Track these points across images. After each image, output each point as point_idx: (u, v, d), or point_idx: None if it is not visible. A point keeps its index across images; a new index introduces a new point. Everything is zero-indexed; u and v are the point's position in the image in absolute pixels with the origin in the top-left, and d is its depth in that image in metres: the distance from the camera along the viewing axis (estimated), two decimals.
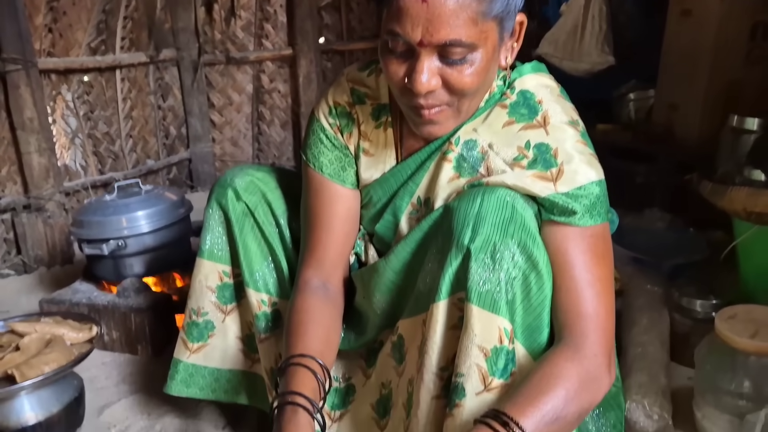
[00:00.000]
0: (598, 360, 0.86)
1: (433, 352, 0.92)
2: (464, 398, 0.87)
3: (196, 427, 1.34)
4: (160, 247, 1.70)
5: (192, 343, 1.23)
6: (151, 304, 1.62)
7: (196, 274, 1.22)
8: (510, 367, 0.88)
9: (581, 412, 0.83)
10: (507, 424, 0.77)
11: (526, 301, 0.88)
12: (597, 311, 0.87)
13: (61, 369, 1.20)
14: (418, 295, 0.98)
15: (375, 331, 1.10)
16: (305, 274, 1.07)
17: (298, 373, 0.92)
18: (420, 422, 0.94)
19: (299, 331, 0.98)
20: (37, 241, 2.29)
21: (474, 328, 0.86)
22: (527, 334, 0.90)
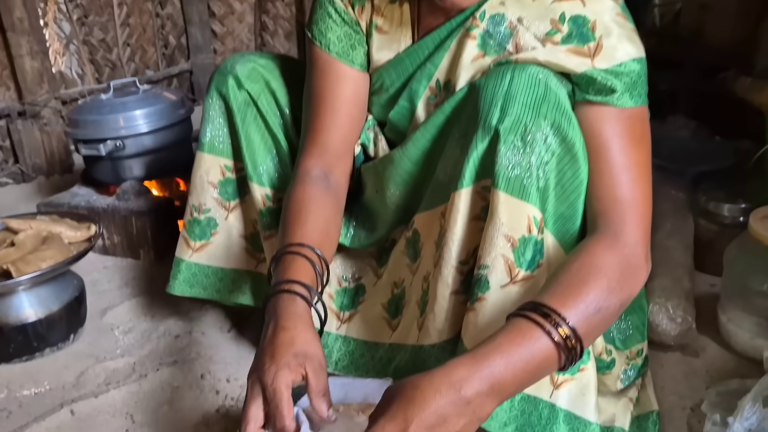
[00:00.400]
0: (638, 248, 0.79)
1: (453, 244, 0.86)
2: (488, 291, 0.81)
3: (200, 329, 1.31)
4: (160, 149, 1.62)
5: (194, 242, 1.17)
6: (152, 207, 1.56)
7: (197, 169, 1.15)
8: (538, 259, 0.82)
9: (622, 303, 0.77)
10: (548, 315, 0.70)
11: (559, 188, 0.81)
12: (635, 197, 0.80)
13: (58, 265, 1.16)
14: (437, 186, 0.91)
15: (387, 228, 1.04)
16: (305, 163, 0.99)
17: (295, 262, 0.85)
18: (436, 318, 0.89)
19: (297, 220, 0.91)
20: (34, 149, 2.22)
21: (500, 217, 0.79)
22: (559, 224, 0.84)
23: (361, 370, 1.04)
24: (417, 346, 0.94)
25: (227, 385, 1.13)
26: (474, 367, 0.65)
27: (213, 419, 1.05)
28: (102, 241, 1.62)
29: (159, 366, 1.18)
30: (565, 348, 0.69)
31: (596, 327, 0.74)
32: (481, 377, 0.65)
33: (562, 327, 0.69)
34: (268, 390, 0.71)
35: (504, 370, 0.66)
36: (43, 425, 1.03)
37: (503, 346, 0.67)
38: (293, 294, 0.80)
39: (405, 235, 1.00)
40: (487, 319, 0.81)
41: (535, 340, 0.68)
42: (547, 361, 0.70)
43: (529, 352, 0.68)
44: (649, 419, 0.99)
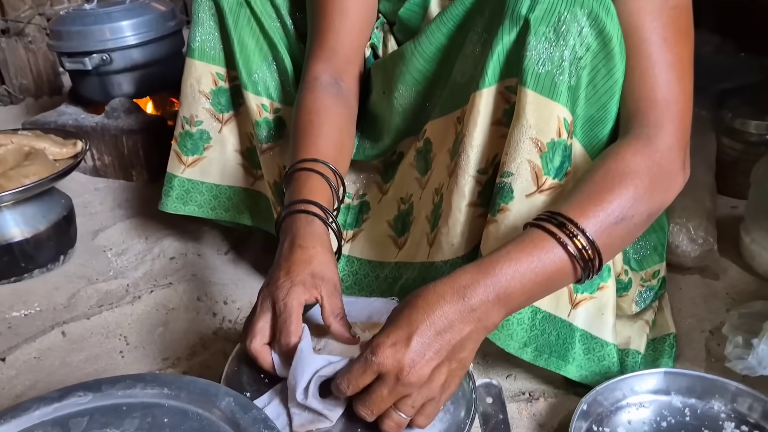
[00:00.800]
0: (672, 154, 0.72)
1: (471, 150, 0.78)
2: (512, 201, 0.75)
3: (197, 250, 1.25)
4: (150, 63, 1.52)
5: (186, 156, 1.10)
6: (143, 125, 1.48)
7: (187, 78, 1.06)
8: (566, 166, 0.75)
9: (651, 213, 0.71)
10: (564, 225, 0.64)
11: (591, 87, 0.73)
12: (676, 97, 0.72)
13: (43, 181, 1.09)
14: (453, 88, 0.83)
15: (394, 137, 0.96)
16: (314, 69, 0.91)
17: (311, 180, 0.79)
18: (450, 232, 0.82)
19: (309, 133, 0.84)
20: (20, 69, 2.11)
21: (528, 118, 0.72)
22: (587, 128, 0.76)
23: (365, 291, 0.99)
24: (427, 263, 0.88)
25: (224, 307, 1.09)
26: (479, 274, 0.61)
27: (210, 341, 1.01)
28: (92, 162, 1.54)
29: (153, 288, 1.14)
30: (581, 260, 0.64)
31: (618, 239, 0.68)
32: (486, 285, 0.61)
33: (578, 237, 0.64)
34: (278, 304, 0.66)
35: (511, 279, 0.61)
36: (33, 346, 0.99)
37: (512, 254, 0.63)
38: (310, 215, 0.74)
39: (415, 146, 0.93)
40: (510, 232, 0.75)
41: (547, 250, 0.63)
42: (560, 272, 0.65)
43: (540, 263, 0.63)
44: (666, 342, 0.94)
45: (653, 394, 0.83)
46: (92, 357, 0.98)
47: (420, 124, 0.91)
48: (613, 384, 0.81)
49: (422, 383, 0.58)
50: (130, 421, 0.60)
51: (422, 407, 0.60)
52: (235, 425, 0.58)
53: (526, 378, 0.91)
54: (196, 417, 0.60)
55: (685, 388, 0.83)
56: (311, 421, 0.61)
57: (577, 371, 0.82)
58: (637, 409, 0.82)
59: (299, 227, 0.73)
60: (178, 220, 1.29)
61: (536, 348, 0.79)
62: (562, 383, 0.89)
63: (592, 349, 0.82)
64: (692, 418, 0.80)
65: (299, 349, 0.63)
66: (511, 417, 0.81)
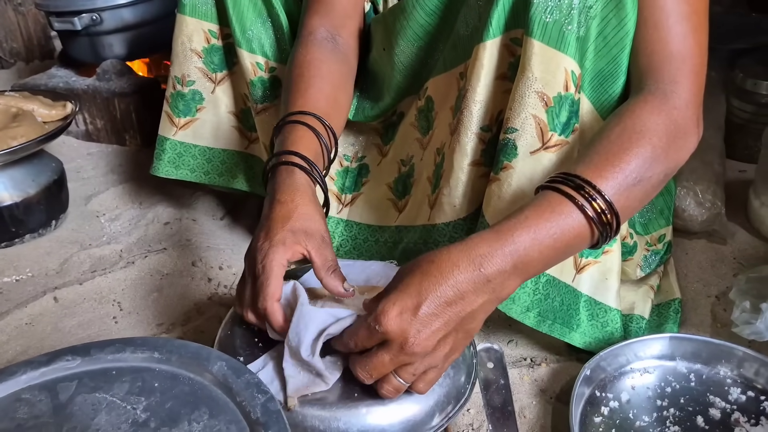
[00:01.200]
0: (689, 111, 0.68)
1: (474, 106, 0.75)
2: (515, 158, 0.71)
3: (191, 216, 1.23)
4: (142, 24, 1.47)
5: (178, 118, 1.06)
6: (136, 88, 1.44)
7: (178, 35, 1.02)
8: (573, 122, 0.72)
9: (667, 173, 0.67)
10: (582, 187, 0.60)
11: (601, 39, 0.70)
12: (692, 51, 0.68)
13: (31, 143, 1.05)
14: (456, 42, 0.79)
15: (394, 95, 0.92)
16: (310, 23, 0.87)
17: (295, 131, 0.74)
18: (452, 192, 0.79)
19: (300, 86, 0.80)
20: (10, 32, 2.06)
21: (534, 70, 0.68)
22: (596, 83, 0.73)
23: (365, 256, 0.97)
24: (428, 226, 0.85)
25: (220, 273, 1.07)
26: (497, 243, 0.57)
27: (205, 306, 0.99)
28: (84, 126, 1.51)
29: (147, 253, 1.11)
30: (599, 223, 0.61)
31: (636, 200, 0.65)
32: (504, 254, 0.57)
33: (596, 200, 0.60)
34: (257, 268, 0.63)
35: (530, 247, 0.58)
36: (25, 312, 0.97)
37: (529, 220, 0.59)
38: (290, 165, 0.70)
39: (416, 105, 0.89)
40: (513, 191, 0.72)
41: (565, 214, 0.60)
42: (578, 237, 0.61)
43: (559, 228, 0.59)
44: (671, 307, 0.92)
45: (658, 360, 0.81)
46: (85, 323, 0.96)
47: (421, 81, 0.88)
48: (617, 349, 0.80)
49: (426, 353, 0.56)
50: (119, 386, 0.58)
51: (423, 374, 0.58)
52: (228, 389, 0.56)
53: (527, 344, 0.89)
54: (188, 381, 0.58)
55: (690, 353, 0.81)
56: (307, 385, 0.59)
57: (581, 338, 0.80)
58: (641, 374, 0.80)
59: (279, 181, 0.70)
60: (172, 185, 1.26)
61: (539, 313, 0.77)
62: (564, 349, 0.87)
63: (595, 315, 0.80)
64: (697, 384, 0.78)
65: (299, 305, 0.61)
66: (512, 383, 0.79)
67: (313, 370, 0.59)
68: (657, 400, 0.77)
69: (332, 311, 0.61)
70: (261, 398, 0.55)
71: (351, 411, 0.58)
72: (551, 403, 0.79)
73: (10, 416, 0.55)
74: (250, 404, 0.55)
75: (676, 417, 0.74)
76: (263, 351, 0.64)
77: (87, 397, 0.57)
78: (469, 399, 0.65)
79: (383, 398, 0.58)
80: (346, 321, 0.60)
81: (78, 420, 0.54)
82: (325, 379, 0.59)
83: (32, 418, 0.55)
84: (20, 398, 0.57)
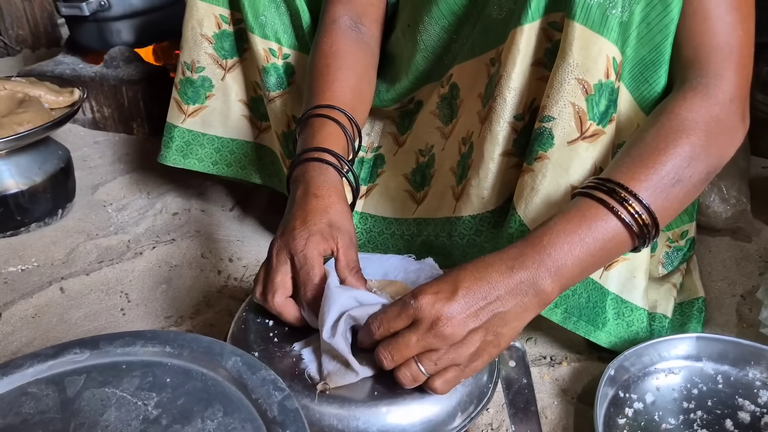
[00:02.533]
0: (733, 105, 0.65)
1: (508, 93, 0.72)
2: (552, 148, 0.69)
3: (200, 206, 1.20)
4: (151, 10, 1.45)
5: (187, 105, 1.04)
6: (144, 75, 1.41)
7: (188, 20, 0.99)
8: (611, 112, 0.69)
9: (710, 171, 0.65)
10: (614, 191, 0.59)
11: (644, 25, 0.67)
12: (740, 42, 0.65)
13: (38, 129, 1.03)
14: (488, 26, 0.76)
15: (413, 80, 0.89)
16: (333, 10, 0.85)
17: (325, 127, 0.73)
18: (481, 184, 0.77)
19: (326, 78, 0.78)
20: (16, 19, 2.03)
21: (574, 55, 0.66)
22: (637, 71, 0.70)
23: (380, 249, 0.94)
24: (453, 218, 0.82)
25: (229, 265, 1.04)
26: (527, 247, 0.58)
27: (214, 299, 0.96)
28: (92, 115, 1.48)
29: (156, 244, 1.09)
30: (636, 225, 0.60)
31: (676, 201, 0.63)
32: (533, 258, 0.57)
33: (630, 203, 0.59)
34: (298, 257, 0.61)
35: (561, 252, 0.57)
36: (30, 302, 0.95)
37: (560, 225, 0.59)
38: (324, 163, 0.69)
39: (438, 93, 0.86)
40: (548, 182, 0.70)
41: (598, 219, 0.59)
42: (614, 242, 0.60)
43: (592, 233, 0.59)
44: (694, 306, 0.90)
45: (683, 360, 0.78)
46: (92, 314, 0.94)
47: (443, 68, 0.85)
48: (641, 349, 0.77)
49: (454, 341, 0.54)
50: (129, 380, 0.55)
51: (444, 370, 0.55)
52: (242, 386, 0.54)
53: (546, 341, 0.86)
54: (200, 377, 0.56)
55: (717, 354, 0.78)
56: (337, 373, 0.56)
57: (606, 337, 0.77)
58: (666, 375, 0.77)
59: (313, 176, 0.68)
60: (180, 174, 1.24)
61: (566, 310, 0.74)
62: (584, 347, 0.85)
63: (622, 313, 0.78)
64: (725, 386, 0.75)
65: (327, 286, 0.59)
66: (533, 382, 0.77)
67: (338, 355, 0.56)
68: (683, 401, 0.74)
69: (357, 294, 0.59)
70: (278, 396, 0.52)
71: (371, 410, 0.55)
72: (573, 403, 0.77)
73: (16, 411, 0.53)
74: (267, 402, 0.52)
75: (704, 420, 0.71)
76: (278, 346, 0.62)
77: (95, 391, 0.54)
78: (491, 399, 0.62)
79: (401, 385, 0.55)
80: (369, 309, 0.57)
81: (86, 416, 0.52)
82: (353, 366, 0.56)
83: (38, 413, 0.52)
84: (26, 392, 0.54)
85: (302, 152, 0.71)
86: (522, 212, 0.72)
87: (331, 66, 0.79)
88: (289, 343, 0.62)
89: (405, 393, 0.57)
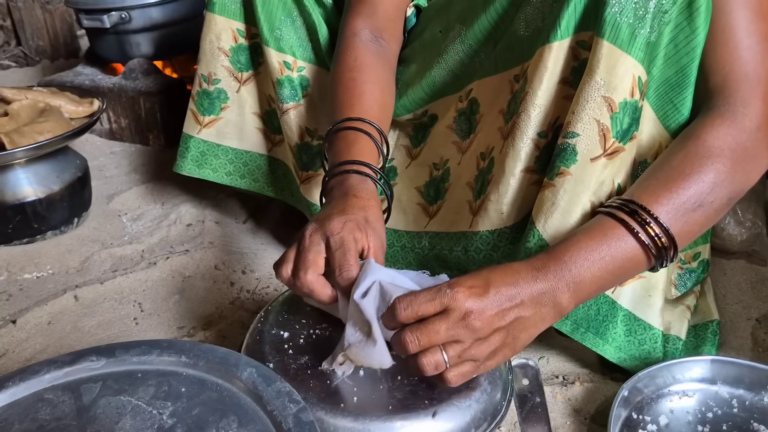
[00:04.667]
0: (759, 134, 0.66)
1: (533, 110, 0.73)
2: (574, 164, 0.69)
3: (214, 218, 1.21)
4: (170, 23, 1.47)
5: (203, 116, 1.05)
6: (162, 87, 1.43)
7: (206, 33, 1.01)
8: (633, 130, 0.70)
9: (732, 197, 0.66)
10: (636, 212, 0.62)
11: (672, 46, 0.68)
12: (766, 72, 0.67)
13: (57, 139, 1.04)
14: (512, 43, 0.77)
15: (428, 93, 0.90)
16: (353, 24, 0.86)
17: (360, 140, 0.75)
18: (500, 199, 0.77)
19: (353, 91, 0.80)
20: (36, 30, 2.07)
21: (601, 73, 0.66)
22: (662, 91, 0.71)
23: (389, 262, 0.94)
24: (469, 233, 0.83)
25: (243, 277, 1.05)
26: (550, 261, 0.60)
27: (227, 311, 0.97)
28: (109, 125, 1.50)
29: (169, 254, 1.09)
30: (654, 247, 0.62)
31: (696, 225, 0.64)
32: (555, 272, 0.59)
33: (650, 225, 0.62)
34: (334, 238, 0.62)
35: (581, 268, 0.60)
36: (45, 309, 0.95)
37: (582, 242, 0.61)
38: (363, 175, 0.71)
39: (455, 107, 0.87)
40: (569, 198, 0.70)
41: (617, 238, 0.62)
42: (632, 261, 0.63)
43: (610, 252, 0.61)
44: (709, 329, 0.89)
45: (698, 383, 0.77)
46: (105, 323, 0.94)
47: (459, 83, 0.86)
48: (655, 371, 0.76)
49: (480, 336, 0.55)
50: (144, 389, 0.56)
51: (461, 363, 0.57)
52: (258, 398, 0.54)
53: (559, 360, 0.86)
54: (215, 387, 0.56)
55: (732, 377, 0.77)
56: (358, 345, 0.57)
57: (615, 353, 0.77)
58: (680, 398, 0.76)
59: (352, 183, 0.70)
60: (195, 186, 1.25)
61: (575, 321, 0.74)
62: (597, 367, 0.84)
63: (634, 331, 0.77)
64: (740, 410, 0.75)
65: (367, 261, 0.61)
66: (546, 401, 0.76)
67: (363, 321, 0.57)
68: (698, 425, 0.73)
69: (394, 274, 0.61)
70: (293, 408, 0.53)
71: (385, 424, 0.56)
72: (586, 423, 0.76)
73: (32, 416, 0.53)
74: (282, 414, 0.52)
75: None
76: (293, 357, 0.62)
77: (111, 399, 0.55)
78: (505, 416, 0.62)
79: (420, 372, 0.55)
80: (398, 291, 0.58)
81: (101, 423, 0.52)
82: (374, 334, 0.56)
83: (54, 419, 0.53)
84: (43, 398, 0.55)
85: (340, 163, 0.73)
86: (541, 227, 0.72)
87: (356, 80, 0.81)
88: (303, 355, 0.62)
89: (419, 408, 0.57)
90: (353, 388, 0.59)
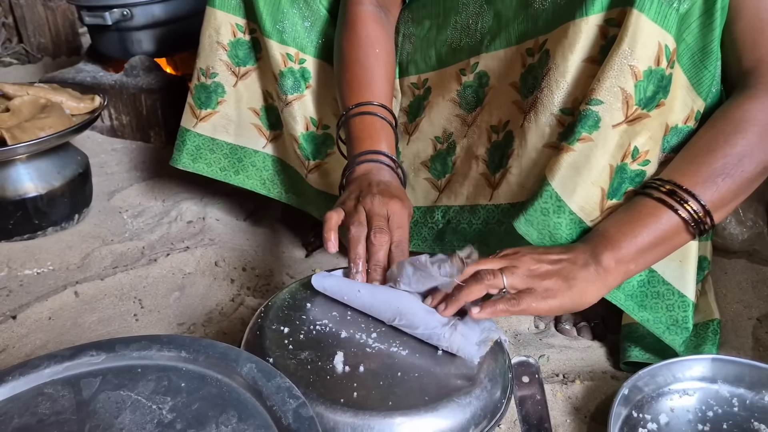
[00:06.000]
0: None
1: (556, 87, 0.73)
2: (597, 131, 0.70)
3: (214, 215, 1.21)
4: (172, 21, 1.47)
5: (200, 110, 1.04)
6: (163, 84, 1.43)
7: (206, 28, 1.01)
8: (659, 97, 0.70)
9: (766, 166, 0.69)
10: (674, 192, 0.67)
11: (705, 17, 0.69)
12: None
13: (58, 134, 1.04)
14: (526, 17, 0.77)
15: (428, 64, 0.91)
16: None
17: (384, 128, 0.82)
18: (523, 173, 0.78)
19: (369, 72, 0.84)
20: (38, 27, 2.07)
21: (628, 41, 0.67)
22: (697, 59, 0.72)
23: None
24: (491, 206, 0.83)
25: (243, 274, 1.05)
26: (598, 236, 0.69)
27: (228, 308, 0.97)
28: (110, 122, 1.50)
29: (170, 251, 1.09)
30: (693, 221, 0.68)
31: (729, 193, 0.69)
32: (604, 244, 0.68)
33: (689, 203, 0.68)
34: (363, 190, 0.73)
35: (628, 243, 0.68)
36: (45, 305, 0.95)
37: (624, 219, 0.69)
38: (384, 165, 0.79)
39: (457, 80, 0.87)
40: (590, 164, 0.71)
41: (658, 217, 0.68)
42: (676, 236, 0.69)
43: (653, 231, 0.68)
44: (709, 328, 0.88)
45: (698, 382, 0.77)
46: (105, 319, 0.94)
47: (459, 54, 0.87)
48: (655, 369, 0.76)
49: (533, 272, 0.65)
50: (144, 384, 0.55)
51: (518, 293, 0.64)
52: (257, 393, 0.54)
53: (559, 359, 0.86)
54: (215, 383, 0.56)
55: (733, 376, 0.77)
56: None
57: (638, 310, 0.77)
58: (680, 396, 0.76)
59: (375, 172, 0.78)
60: (196, 183, 1.25)
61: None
62: (598, 365, 0.84)
63: (661, 294, 0.77)
64: (741, 409, 0.74)
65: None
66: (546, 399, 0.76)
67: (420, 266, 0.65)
68: (698, 424, 0.73)
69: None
70: (293, 403, 0.52)
71: (385, 420, 0.55)
72: (586, 422, 0.76)
73: (32, 411, 0.53)
74: (281, 409, 0.52)
75: None
76: (293, 353, 0.62)
77: (111, 394, 0.54)
78: (505, 414, 0.62)
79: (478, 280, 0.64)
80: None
81: (101, 418, 0.52)
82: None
83: (54, 414, 0.53)
84: (42, 392, 0.55)
85: (360, 153, 0.79)
86: (557, 187, 0.72)
87: (370, 56, 0.85)
88: (303, 351, 0.62)
89: (419, 404, 0.57)
90: (353, 383, 0.59)
